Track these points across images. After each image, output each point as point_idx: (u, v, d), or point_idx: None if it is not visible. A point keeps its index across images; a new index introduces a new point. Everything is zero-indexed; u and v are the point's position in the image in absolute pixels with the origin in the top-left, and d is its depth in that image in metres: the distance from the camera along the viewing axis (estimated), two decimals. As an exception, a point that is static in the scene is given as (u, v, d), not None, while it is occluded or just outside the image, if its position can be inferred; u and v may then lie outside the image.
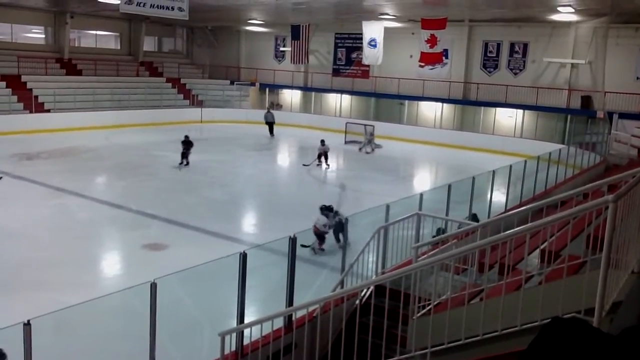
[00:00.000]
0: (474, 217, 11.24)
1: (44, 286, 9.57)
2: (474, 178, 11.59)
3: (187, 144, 20.25)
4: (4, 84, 27.87)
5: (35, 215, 13.80)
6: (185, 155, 19.99)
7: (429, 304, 5.67)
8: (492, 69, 29.47)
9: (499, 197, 13.15)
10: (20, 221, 13.12)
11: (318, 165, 21.36)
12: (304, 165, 21.35)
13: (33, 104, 27.29)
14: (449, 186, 10.62)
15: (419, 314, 5.54)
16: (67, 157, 21.07)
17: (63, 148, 22.52)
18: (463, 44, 29.80)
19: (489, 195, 12.51)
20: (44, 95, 28.18)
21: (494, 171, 12.46)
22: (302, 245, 9.15)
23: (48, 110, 27.83)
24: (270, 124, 30.05)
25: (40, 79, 29.52)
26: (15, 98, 27.25)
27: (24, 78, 28.93)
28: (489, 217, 11.20)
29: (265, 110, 31.36)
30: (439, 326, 5.13)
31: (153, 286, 5.28)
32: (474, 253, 6.11)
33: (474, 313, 4.98)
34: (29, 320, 4.54)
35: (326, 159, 21.50)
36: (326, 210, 11.27)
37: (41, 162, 20.15)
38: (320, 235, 10.97)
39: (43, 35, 34.17)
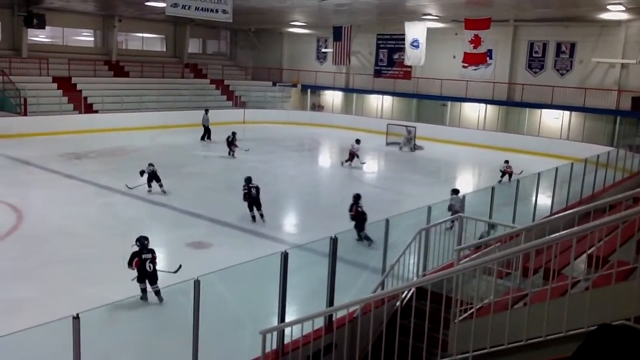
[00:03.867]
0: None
1: (90, 282, 9.86)
2: (518, 180, 11.41)
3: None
4: (55, 85, 28.85)
5: (83, 213, 14.21)
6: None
7: (470, 308, 5.60)
8: (537, 70, 28.85)
9: (544, 200, 12.87)
10: (69, 219, 13.55)
11: (347, 163, 21.62)
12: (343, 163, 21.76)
13: (82, 105, 28.15)
14: (493, 188, 10.47)
15: (460, 318, 5.48)
16: (114, 157, 21.64)
17: (110, 148, 23.13)
18: (508, 45, 29.28)
19: (534, 198, 12.26)
20: (92, 96, 29.05)
21: (539, 174, 12.20)
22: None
23: (96, 111, 28.65)
24: (206, 128, 26.82)
25: (89, 81, 30.42)
26: (65, 99, 28.17)
27: (74, 80, 29.85)
28: (533, 220, 10.98)
29: (203, 112, 27.29)
30: (481, 330, 5.07)
31: (196, 283, 5.37)
32: (518, 257, 6.01)
33: (518, 318, 4.90)
34: (77, 314, 4.68)
35: (357, 157, 21.64)
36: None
37: (89, 162, 20.74)
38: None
39: (92, 38, 35.19)
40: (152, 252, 9.11)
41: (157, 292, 8.96)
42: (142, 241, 9.20)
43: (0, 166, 19.11)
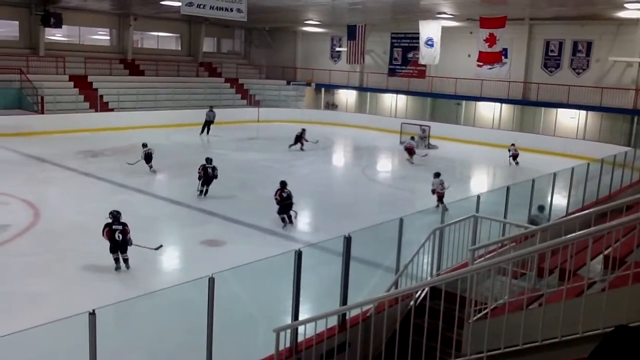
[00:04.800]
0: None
1: (106, 278, 9.96)
2: (533, 180, 11.30)
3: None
4: (71, 83, 29.13)
5: (99, 210, 14.21)
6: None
7: (485, 308, 5.58)
8: (553, 69, 28.61)
9: (559, 200, 12.77)
10: (84, 215, 13.65)
11: (411, 158, 22.87)
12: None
13: (98, 103, 28.41)
14: (508, 188, 10.40)
15: (475, 318, 5.46)
16: (129, 155, 21.75)
17: (126, 146, 23.27)
18: (523, 43, 29.06)
19: (549, 199, 12.17)
20: (108, 94, 29.29)
21: (554, 173, 12.11)
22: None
23: (112, 110, 28.89)
24: (209, 123, 28.10)
25: (105, 79, 30.67)
26: (82, 97, 28.43)
27: (90, 78, 30.12)
28: (549, 220, 10.89)
29: (208, 109, 28.59)
30: (495, 331, 5.04)
31: (211, 281, 5.40)
32: (533, 257, 5.97)
33: (533, 318, 4.88)
34: (94, 310, 4.72)
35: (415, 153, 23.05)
36: None
37: (105, 159, 20.91)
38: None
39: (108, 37, 35.46)
40: (123, 225, 10.37)
41: (126, 260, 10.28)
42: (115, 214, 10.54)
43: (18, 164, 19.34)
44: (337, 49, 37.33)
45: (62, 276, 10.04)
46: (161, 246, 11.13)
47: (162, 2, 24.94)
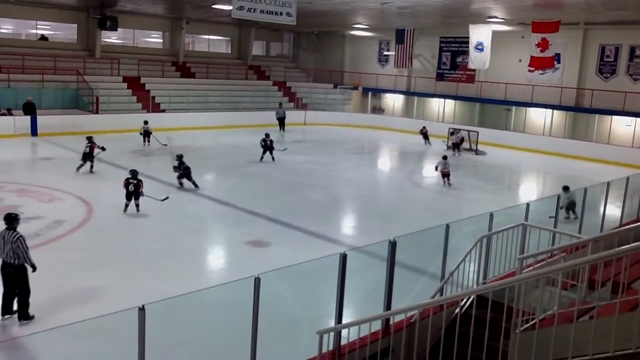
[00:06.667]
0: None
1: (155, 275, 10.20)
2: (585, 189, 10.99)
3: None
4: (125, 85, 30.00)
5: (149, 209, 14.66)
6: None
7: (532, 319, 5.46)
8: (608, 75, 27.73)
9: (613, 210, 12.38)
10: (135, 214, 14.03)
11: (457, 152, 25.59)
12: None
13: (150, 104, 29.16)
14: (559, 197, 10.16)
15: (522, 328, 5.35)
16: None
17: (176, 146, 23.76)
18: (577, 48, 28.29)
19: (602, 209, 11.81)
20: (160, 96, 30.03)
21: (608, 183, 11.74)
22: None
23: (163, 111, 29.60)
24: (281, 120, 30.52)
25: (157, 81, 31.47)
26: (135, 98, 29.26)
27: (143, 80, 30.96)
28: (601, 231, 10.57)
29: (277, 106, 31.68)
30: (543, 342, 4.93)
31: (257, 281, 5.46)
32: (584, 268, 5.81)
33: (583, 331, 4.75)
34: (143, 306, 4.85)
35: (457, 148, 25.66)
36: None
37: (155, 159, 21.42)
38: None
39: (161, 40, 36.34)
40: (139, 180, 13.70)
41: (137, 205, 13.72)
42: (133, 172, 13.95)
43: (74, 162, 19.99)
44: (385, 53, 37.22)
45: (113, 271, 10.34)
46: (167, 197, 14.39)
47: (214, 6, 25.42)
